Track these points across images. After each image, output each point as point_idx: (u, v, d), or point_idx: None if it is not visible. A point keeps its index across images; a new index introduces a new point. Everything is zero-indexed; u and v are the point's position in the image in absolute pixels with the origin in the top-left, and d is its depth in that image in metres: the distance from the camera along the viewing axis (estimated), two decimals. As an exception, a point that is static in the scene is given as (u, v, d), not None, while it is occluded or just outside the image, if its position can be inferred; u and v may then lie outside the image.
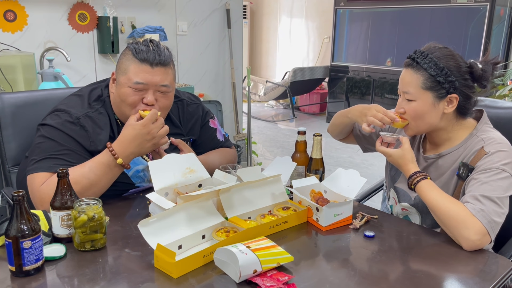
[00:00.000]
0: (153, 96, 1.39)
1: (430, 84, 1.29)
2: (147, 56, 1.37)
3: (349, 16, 6.24)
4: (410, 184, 1.29)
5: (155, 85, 1.38)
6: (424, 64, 1.28)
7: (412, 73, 1.31)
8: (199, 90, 3.66)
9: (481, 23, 4.84)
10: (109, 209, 1.28)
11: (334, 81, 6.48)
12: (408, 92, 1.32)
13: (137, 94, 1.38)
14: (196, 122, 1.65)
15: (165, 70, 1.40)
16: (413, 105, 1.32)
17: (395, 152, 1.33)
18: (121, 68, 1.41)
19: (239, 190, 1.25)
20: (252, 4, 8.27)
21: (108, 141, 1.40)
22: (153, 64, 1.37)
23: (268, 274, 0.99)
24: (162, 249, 1.00)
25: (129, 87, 1.38)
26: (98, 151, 1.39)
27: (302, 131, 1.50)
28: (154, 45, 1.40)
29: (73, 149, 1.36)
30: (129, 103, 1.39)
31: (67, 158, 1.34)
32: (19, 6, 2.77)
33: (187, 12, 3.59)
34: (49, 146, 1.35)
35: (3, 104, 1.62)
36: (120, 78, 1.40)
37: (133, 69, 1.37)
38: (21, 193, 0.95)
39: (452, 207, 1.19)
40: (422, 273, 1.04)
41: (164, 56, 1.39)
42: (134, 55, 1.38)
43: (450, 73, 1.28)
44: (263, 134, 5.89)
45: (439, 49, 1.31)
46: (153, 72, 1.37)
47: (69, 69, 2.96)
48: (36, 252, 0.97)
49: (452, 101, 1.30)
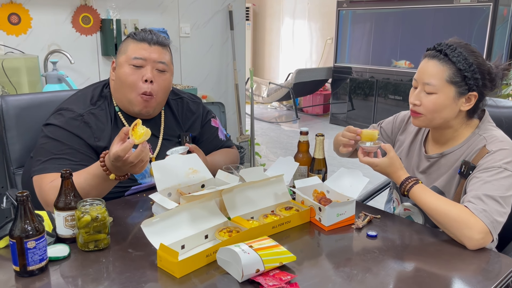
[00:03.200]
0: (151, 72, 1.44)
1: (455, 78, 1.26)
2: (145, 36, 1.46)
3: (352, 17, 6.24)
4: (403, 191, 1.28)
5: (153, 61, 1.45)
6: (453, 57, 1.25)
7: (437, 64, 1.27)
8: (202, 91, 3.67)
9: (484, 23, 4.83)
10: (112, 209, 1.29)
11: (337, 82, 6.48)
12: (430, 84, 1.28)
13: (136, 73, 1.43)
14: (197, 119, 1.67)
15: (162, 49, 1.47)
16: (433, 97, 1.28)
17: (382, 161, 1.30)
18: (121, 51, 1.48)
19: (242, 190, 1.26)
20: (255, 6, 8.29)
21: (110, 136, 1.42)
22: (150, 42, 1.45)
23: (270, 273, 0.99)
24: (165, 249, 1.00)
25: (129, 65, 1.43)
26: (102, 147, 1.40)
27: (305, 131, 1.50)
28: (153, 32, 1.48)
29: (77, 148, 1.37)
30: (129, 84, 1.44)
31: (71, 157, 1.35)
32: (23, 10, 2.79)
33: (190, 14, 3.61)
34: (53, 146, 1.36)
35: (8, 106, 1.63)
36: (120, 59, 1.47)
37: (131, 47, 1.45)
38: (25, 193, 0.96)
39: (452, 208, 1.18)
40: (425, 272, 1.04)
41: (161, 38, 1.48)
42: (133, 37, 1.47)
43: (477, 70, 1.26)
44: (267, 135, 5.89)
45: (464, 45, 1.28)
46: (151, 50, 1.45)
47: (73, 72, 2.98)
48: (40, 252, 0.98)
49: (470, 99, 1.29)
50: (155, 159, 1.53)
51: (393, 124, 1.57)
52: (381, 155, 1.33)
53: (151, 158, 1.53)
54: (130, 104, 1.47)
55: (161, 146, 1.55)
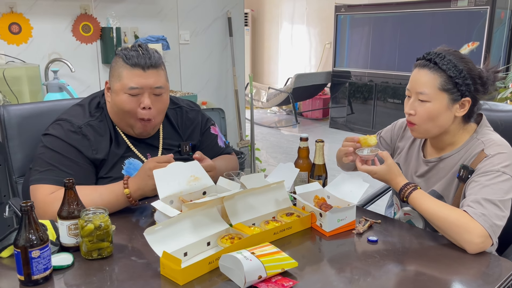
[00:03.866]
0: (149, 99, 1.43)
1: (447, 86, 1.28)
2: (138, 61, 1.41)
3: (350, 21, 6.26)
4: (402, 197, 1.29)
5: (150, 87, 1.43)
6: (443, 65, 1.28)
7: (428, 73, 1.30)
8: (202, 98, 3.68)
9: (482, 26, 4.86)
10: (115, 217, 1.30)
11: (337, 87, 6.50)
12: (423, 93, 1.30)
13: (133, 100, 1.42)
14: (196, 128, 1.67)
15: (157, 72, 1.44)
16: (427, 106, 1.30)
17: (380, 169, 1.31)
18: (114, 76, 1.45)
19: (243, 197, 1.27)
20: (253, 12, 8.32)
21: (108, 148, 1.45)
22: (144, 67, 1.41)
23: (272, 279, 1.00)
24: (168, 256, 1.01)
25: (125, 93, 1.41)
26: (99, 159, 1.42)
27: (304, 137, 1.51)
28: (143, 49, 1.44)
29: (75, 161, 1.39)
30: (127, 111, 1.43)
31: (68, 170, 1.37)
32: (24, 19, 2.81)
33: (189, 21, 3.63)
34: (51, 157, 1.38)
35: (9, 115, 1.65)
36: (115, 86, 1.44)
37: (126, 75, 1.41)
38: (29, 203, 0.97)
39: (451, 213, 1.19)
40: (426, 277, 1.05)
41: (154, 59, 1.43)
42: (125, 61, 1.42)
43: (467, 75, 1.28)
44: (267, 140, 5.90)
45: (453, 52, 1.31)
46: (146, 76, 1.41)
47: (74, 80, 2.99)
48: (45, 261, 0.99)
49: (464, 104, 1.31)
50: None
51: (391, 131, 1.58)
52: (378, 163, 1.34)
53: None
54: (130, 127, 1.49)
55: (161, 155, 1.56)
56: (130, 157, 1.51)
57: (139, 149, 1.54)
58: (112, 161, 1.47)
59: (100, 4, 3.10)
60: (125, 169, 1.48)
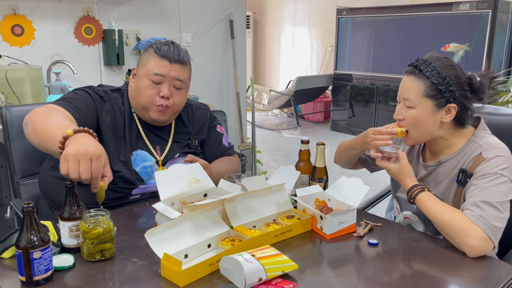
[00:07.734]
0: (168, 90, 1.50)
1: (431, 92, 1.31)
2: (167, 54, 1.50)
3: (352, 24, 6.28)
4: (409, 198, 1.31)
5: (172, 78, 1.51)
6: (427, 72, 1.30)
7: (413, 80, 1.33)
8: (203, 100, 3.69)
9: (484, 29, 4.86)
10: (116, 219, 1.30)
11: (338, 89, 6.51)
12: (409, 99, 1.34)
13: (154, 88, 1.50)
14: (204, 124, 1.73)
15: (182, 67, 1.53)
16: (412, 112, 1.34)
17: (394, 167, 1.35)
18: (142, 62, 1.54)
19: (244, 199, 1.27)
20: (255, 14, 8.34)
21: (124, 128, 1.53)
22: (171, 60, 1.50)
23: (273, 282, 1.00)
24: (169, 258, 1.02)
25: (148, 79, 1.50)
26: (103, 123, 1.49)
27: (305, 140, 1.52)
28: (175, 46, 1.53)
29: (87, 112, 1.46)
30: (146, 96, 1.51)
31: (77, 105, 1.44)
32: (27, 21, 2.82)
33: (191, 23, 3.64)
34: (69, 94, 1.50)
35: (12, 116, 1.65)
36: (140, 71, 1.54)
37: (153, 62, 1.50)
38: (31, 204, 0.98)
39: (451, 215, 1.20)
40: (426, 280, 1.05)
41: (182, 56, 1.52)
42: (156, 51, 1.51)
43: (451, 82, 1.30)
44: (268, 142, 5.91)
45: (441, 59, 1.33)
46: (171, 67, 1.51)
47: (76, 82, 3.00)
48: (46, 262, 0.99)
49: (450, 110, 1.32)
50: (161, 162, 1.57)
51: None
52: (393, 160, 1.38)
53: (158, 161, 1.56)
54: (146, 111, 1.54)
55: (170, 148, 1.61)
56: (139, 148, 1.56)
57: (149, 139, 1.59)
58: (122, 141, 1.52)
59: (102, 6, 3.12)
60: (132, 160, 1.53)
